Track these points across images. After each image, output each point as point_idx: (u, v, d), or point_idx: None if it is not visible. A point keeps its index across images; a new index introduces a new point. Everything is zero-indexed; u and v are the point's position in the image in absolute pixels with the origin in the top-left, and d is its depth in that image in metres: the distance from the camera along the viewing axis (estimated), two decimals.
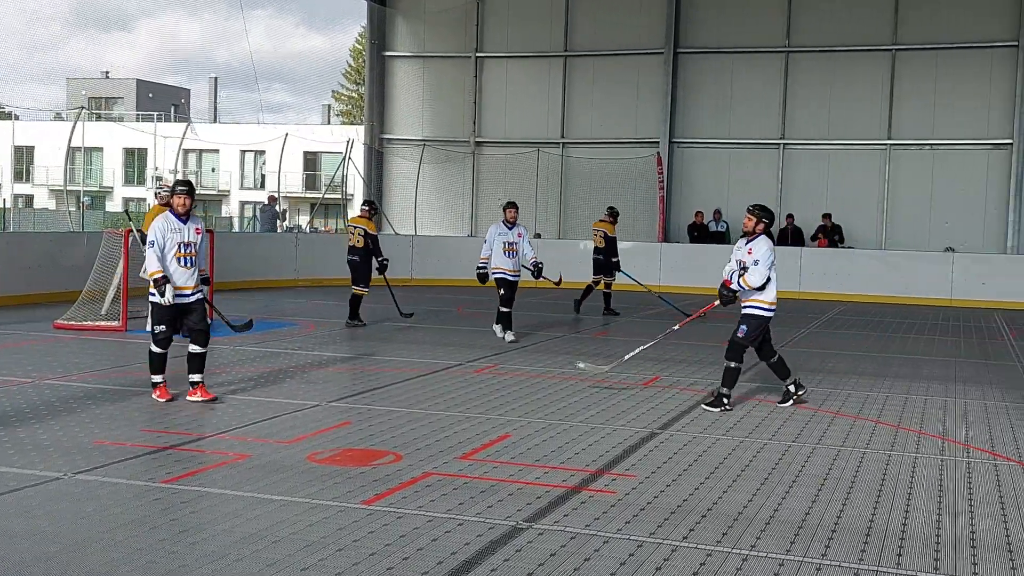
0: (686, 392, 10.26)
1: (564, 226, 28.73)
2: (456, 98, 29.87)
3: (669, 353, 13.22)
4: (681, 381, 10.95)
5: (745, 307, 9.40)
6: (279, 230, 27.73)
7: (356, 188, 32.61)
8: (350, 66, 66.86)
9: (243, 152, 58.19)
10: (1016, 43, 24.60)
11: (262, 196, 56.12)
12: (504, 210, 14.25)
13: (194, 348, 9.02)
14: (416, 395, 9.75)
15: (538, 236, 27.68)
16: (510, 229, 14.08)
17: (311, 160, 56.30)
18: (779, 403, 9.63)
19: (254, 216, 27.76)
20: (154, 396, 9.01)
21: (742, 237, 9.62)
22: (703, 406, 9.33)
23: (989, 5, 25.04)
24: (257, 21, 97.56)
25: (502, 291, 13.90)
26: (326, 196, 33.90)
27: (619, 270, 18.50)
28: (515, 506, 6.06)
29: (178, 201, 8.96)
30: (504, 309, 13.97)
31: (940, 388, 10.99)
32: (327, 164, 52.93)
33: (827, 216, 25.22)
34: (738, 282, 9.28)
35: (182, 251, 8.90)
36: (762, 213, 9.39)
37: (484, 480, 6.65)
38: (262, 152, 55.77)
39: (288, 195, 49.58)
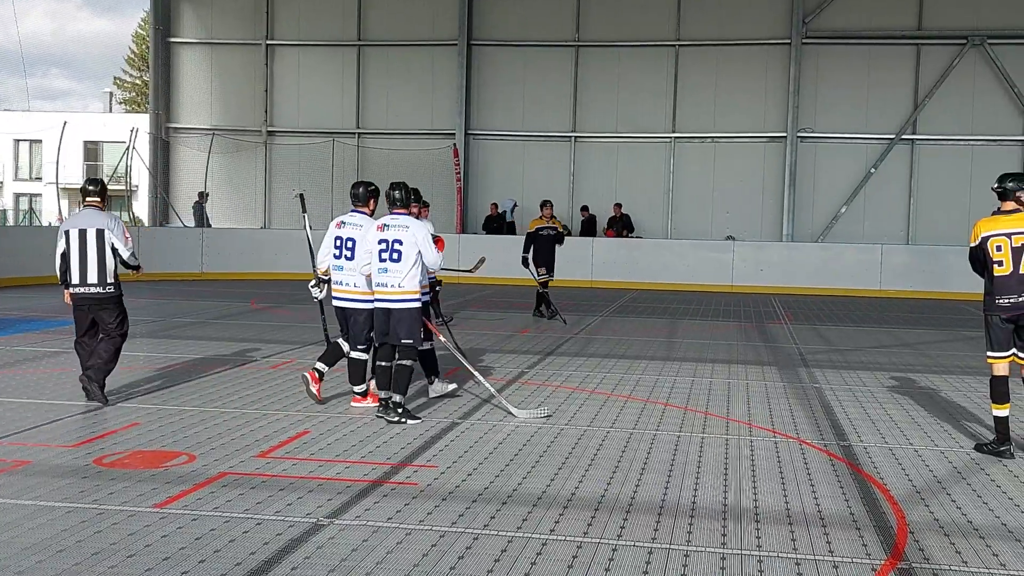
0: (487, 381, 10.33)
1: None
2: (246, 86, 29.13)
3: (469, 343, 13.32)
4: (480, 370, 11.03)
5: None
6: (207, 226, 26.73)
7: (141, 179, 31.31)
8: (133, 52, 64.03)
9: (17, 141, 54.81)
10: (788, 40, 26.04)
11: (39, 188, 53.09)
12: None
13: None
14: (209, 393, 9.45)
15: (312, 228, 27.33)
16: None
17: (92, 150, 53.56)
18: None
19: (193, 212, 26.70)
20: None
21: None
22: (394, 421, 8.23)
23: (764, 3, 26.39)
24: (35, 2, 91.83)
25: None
26: (109, 188, 32.51)
27: None
28: (316, 503, 5.97)
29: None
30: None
31: (724, 370, 11.51)
32: (110, 154, 50.53)
33: (617, 206, 26.02)
34: None
35: None
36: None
37: (283, 478, 6.52)
38: (39, 141, 52.70)
39: (67, 187, 47.07)
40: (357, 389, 8.97)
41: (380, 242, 8.34)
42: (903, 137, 25.94)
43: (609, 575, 4.92)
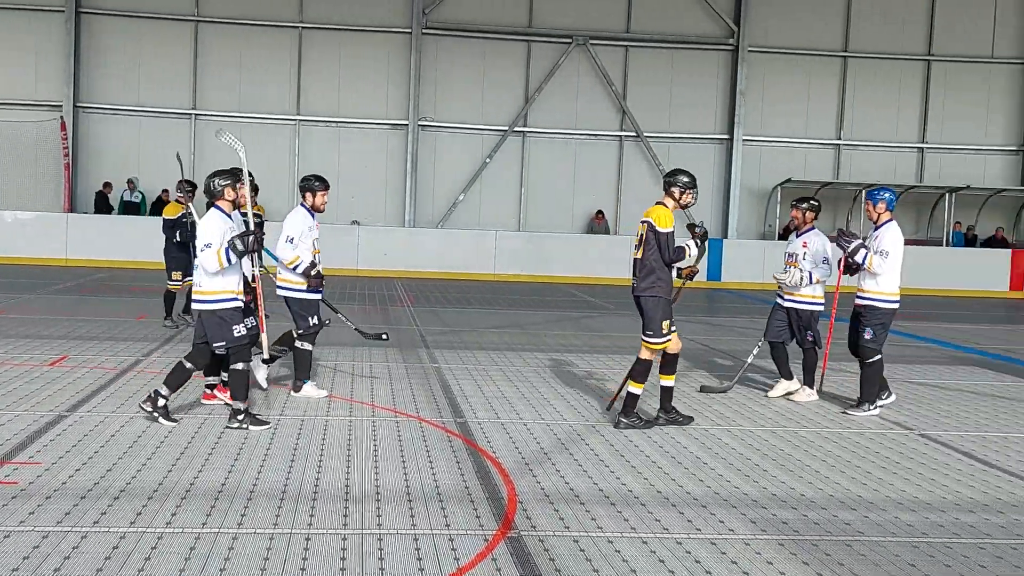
0: (98, 370, 9.79)
1: None
2: None
3: (79, 330, 12.54)
4: (92, 359, 10.42)
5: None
6: None
7: None
8: None
9: None
10: (409, 30, 26.60)
11: None
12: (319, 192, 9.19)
13: None
14: None
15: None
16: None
17: None
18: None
19: None
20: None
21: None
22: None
23: None
24: None
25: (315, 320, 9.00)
26: None
27: None
28: None
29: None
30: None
31: (348, 353, 11.62)
32: None
33: None
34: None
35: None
36: None
37: None
38: None
39: None
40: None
41: None
42: (515, 129, 27.37)
43: (229, 564, 4.84)
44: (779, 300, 9.72)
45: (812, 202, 9.72)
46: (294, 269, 8.71)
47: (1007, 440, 8.32)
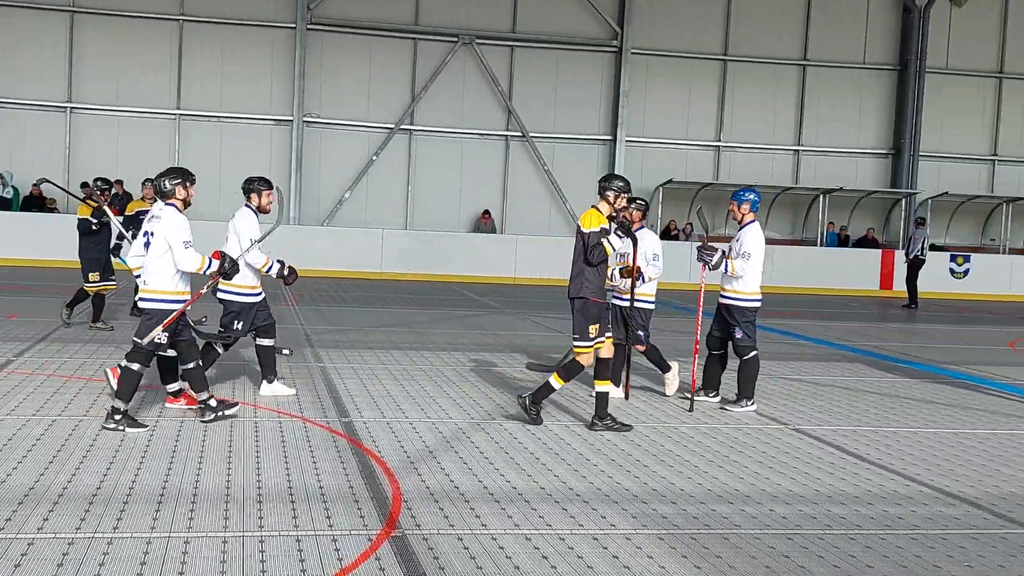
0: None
1: None
2: None
3: None
4: None
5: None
6: None
7: None
8: None
9: None
10: (294, 25, 26.27)
11: None
12: (264, 192, 9.83)
13: None
14: None
15: None
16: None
17: None
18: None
19: None
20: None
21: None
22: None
23: None
24: None
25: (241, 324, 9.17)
26: None
27: None
28: None
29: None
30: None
31: (230, 352, 11.39)
32: None
33: (119, 183, 24.73)
34: None
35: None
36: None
37: None
38: None
39: None
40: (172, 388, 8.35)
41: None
42: (402, 127, 27.26)
43: (104, 569, 4.72)
44: (615, 300, 9.69)
45: (639, 201, 9.62)
46: (267, 271, 8.86)
47: (877, 434, 8.65)
